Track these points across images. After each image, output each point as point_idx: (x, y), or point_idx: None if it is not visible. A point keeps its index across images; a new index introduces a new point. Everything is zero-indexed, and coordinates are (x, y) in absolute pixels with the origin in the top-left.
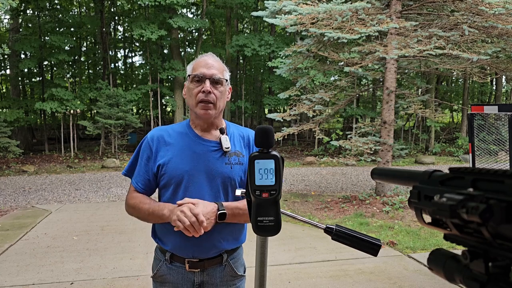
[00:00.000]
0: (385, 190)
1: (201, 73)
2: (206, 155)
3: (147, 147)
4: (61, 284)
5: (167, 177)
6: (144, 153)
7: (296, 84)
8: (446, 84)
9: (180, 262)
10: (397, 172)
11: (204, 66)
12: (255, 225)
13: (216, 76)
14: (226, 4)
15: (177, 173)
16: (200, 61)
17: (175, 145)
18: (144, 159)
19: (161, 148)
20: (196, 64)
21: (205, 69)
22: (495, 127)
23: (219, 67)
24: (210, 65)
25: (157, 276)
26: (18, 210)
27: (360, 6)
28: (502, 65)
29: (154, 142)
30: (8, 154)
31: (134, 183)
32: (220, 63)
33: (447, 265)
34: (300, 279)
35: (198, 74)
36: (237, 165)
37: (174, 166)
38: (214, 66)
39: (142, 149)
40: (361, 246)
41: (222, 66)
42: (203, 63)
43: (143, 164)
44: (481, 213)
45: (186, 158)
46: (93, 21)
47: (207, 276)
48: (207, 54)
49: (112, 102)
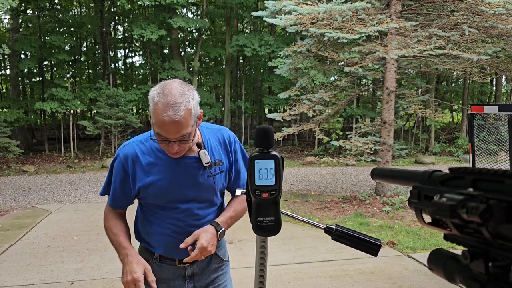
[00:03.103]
0: (385, 190)
1: (165, 137)
2: (187, 172)
3: (121, 168)
4: (61, 284)
5: (152, 198)
6: (118, 175)
7: (296, 84)
8: (446, 84)
9: (170, 260)
10: (397, 172)
11: (168, 128)
12: (255, 225)
13: (182, 137)
14: (226, 4)
15: (162, 195)
16: (163, 119)
17: (154, 166)
18: (119, 180)
19: (138, 169)
20: (159, 120)
21: (170, 133)
22: (495, 127)
23: (185, 121)
24: (175, 129)
25: None
26: (18, 210)
27: (360, 6)
28: (502, 65)
29: (129, 162)
30: (8, 154)
31: (110, 203)
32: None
33: (447, 265)
34: (300, 279)
35: (161, 135)
36: (218, 175)
37: (158, 188)
38: (178, 128)
39: (115, 169)
40: (361, 246)
41: (187, 114)
42: (167, 123)
43: (118, 185)
44: (481, 213)
45: (168, 179)
46: (93, 21)
47: (196, 268)
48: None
49: (112, 102)
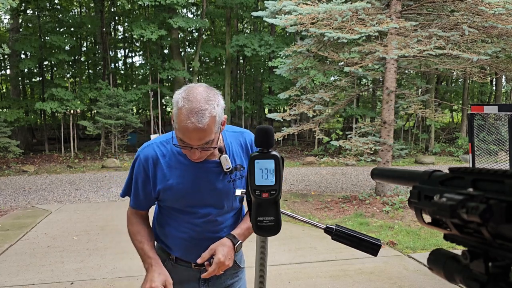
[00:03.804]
0: (385, 190)
1: (187, 143)
2: (207, 176)
3: (142, 169)
4: (61, 284)
5: (171, 202)
6: (139, 176)
7: (296, 84)
8: (446, 84)
9: (186, 262)
10: (397, 172)
11: (192, 135)
12: (255, 225)
13: (205, 144)
14: (226, 4)
15: (182, 198)
16: (187, 126)
17: (174, 169)
18: (140, 182)
19: (159, 172)
20: (182, 127)
21: (193, 140)
22: (495, 127)
23: (209, 128)
24: (198, 136)
25: None
26: (18, 210)
27: (360, 6)
28: (502, 65)
29: (150, 165)
30: (8, 154)
31: (133, 205)
32: (209, 121)
33: (447, 265)
34: (300, 279)
35: (184, 141)
36: (238, 180)
37: (176, 192)
38: (201, 135)
39: (136, 171)
40: (361, 246)
41: (212, 121)
42: (191, 130)
43: (140, 187)
44: (481, 213)
45: (188, 183)
46: (93, 21)
47: None
48: (193, 110)
49: (112, 102)
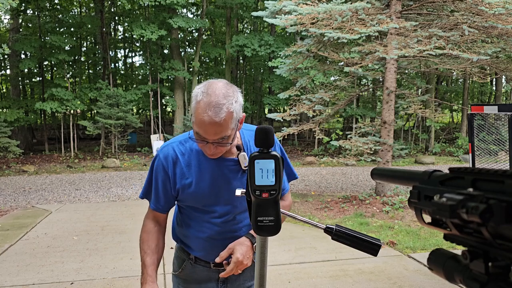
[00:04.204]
0: (385, 190)
1: (203, 137)
2: (225, 175)
3: (161, 168)
4: (61, 284)
5: (190, 201)
6: (159, 176)
7: (296, 84)
8: (446, 84)
9: (205, 262)
10: (397, 172)
11: (209, 129)
12: (255, 225)
13: (221, 139)
14: (226, 4)
15: (201, 196)
16: (204, 119)
17: (193, 167)
18: (160, 181)
19: (178, 170)
20: (200, 120)
21: (209, 134)
22: (495, 127)
23: (226, 123)
24: (214, 130)
25: (183, 273)
26: (18, 210)
27: (360, 6)
28: (502, 65)
29: (169, 163)
30: (8, 154)
31: (153, 206)
32: (226, 116)
33: (447, 265)
34: (300, 279)
35: (200, 135)
36: None
37: (197, 190)
38: (218, 130)
39: (156, 170)
40: (361, 246)
41: (229, 117)
42: (207, 124)
43: (160, 186)
44: (481, 213)
45: (207, 181)
46: (93, 21)
47: None
48: (211, 104)
49: (112, 102)
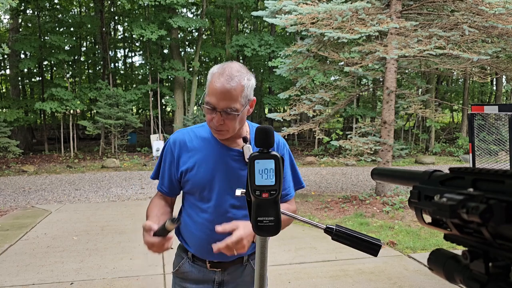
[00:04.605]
0: (385, 190)
1: (213, 104)
2: (228, 164)
3: (169, 151)
4: (61, 284)
5: (190, 185)
6: (167, 157)
7: (296, 84)
8: (446, 84)
9: (202, 262)
10: (397, 172)
11: (219, 95)
12: (255, 225)
13: (228, 109)
14: (226, 4)
15: (200, 182)
16: (215, 85)
17: (198, 152)
18: (167, 163)
19: (183, 153)
20: (212, 87)
21: (219, 100)
22: (495, 127)
23: (235, 94)
24: (224, 96)
25: (179, 272)
26: (18, 210)
27: (360, 6)
28: (502, 65)
29: (176, 147)
30: (8, 154)
31: (159, 187)
32: (236, 85)
33: (447, 265)
34: (300, 279)
35: (210, 103)
36: None
37: (197, 174)
38: (227, 96)
39: (165, 153)
40: (361, 246)
41: (240, 89)
42: (218, 90)
43: (166, 168)
44: (481, 213)
45: (208, 167)
46: (93, 21)
47: (228, 276)
48: (223, 73)
49: (112, 102)
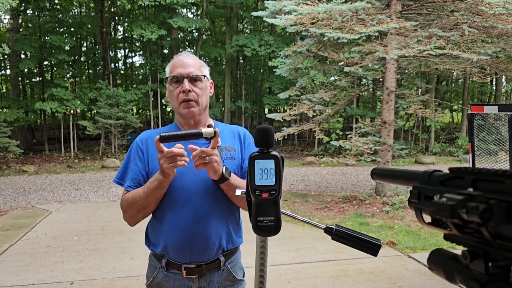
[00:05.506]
0: (385, 190)
1: (178, 73)
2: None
3: (138, 149)
4: (61, 284)
5: None
6: (136, 156)
7: (296, 84)
8: (446, 84)
9: (177, 269)
10: (397, 172)
11: (181, 65)
12: (255, 225)
13: (194, 73)
14: (226, 4)
15: None
16: (176, 61)
17: (164, 146)
18: (137, 161)
19: (151, 149)
20: (173, 65)
21: (182, 68)
22: (495, 127)
23: (196, 64)
24: (186, 64)
25: (154, 284)
26: (18, 210)
27: (360, 6)
28: (502, 65)
29: (144, 144)
30: (8, 154)
31: (126, 186)
32: (196, 60)
33: (447, 265)
34: (300, 279)
35: (175, 75)
36: (229, 160)
37: None
38: (190, 64)
39: (133, 152)
40: (361, 246)
41: (199, 63)
42: (179, 63)
43: (134, 167)
44: (481, 213)
45: None
46: (93, 21)
47: (204, 282)
48: (182, 53)
49: (112, 102)
